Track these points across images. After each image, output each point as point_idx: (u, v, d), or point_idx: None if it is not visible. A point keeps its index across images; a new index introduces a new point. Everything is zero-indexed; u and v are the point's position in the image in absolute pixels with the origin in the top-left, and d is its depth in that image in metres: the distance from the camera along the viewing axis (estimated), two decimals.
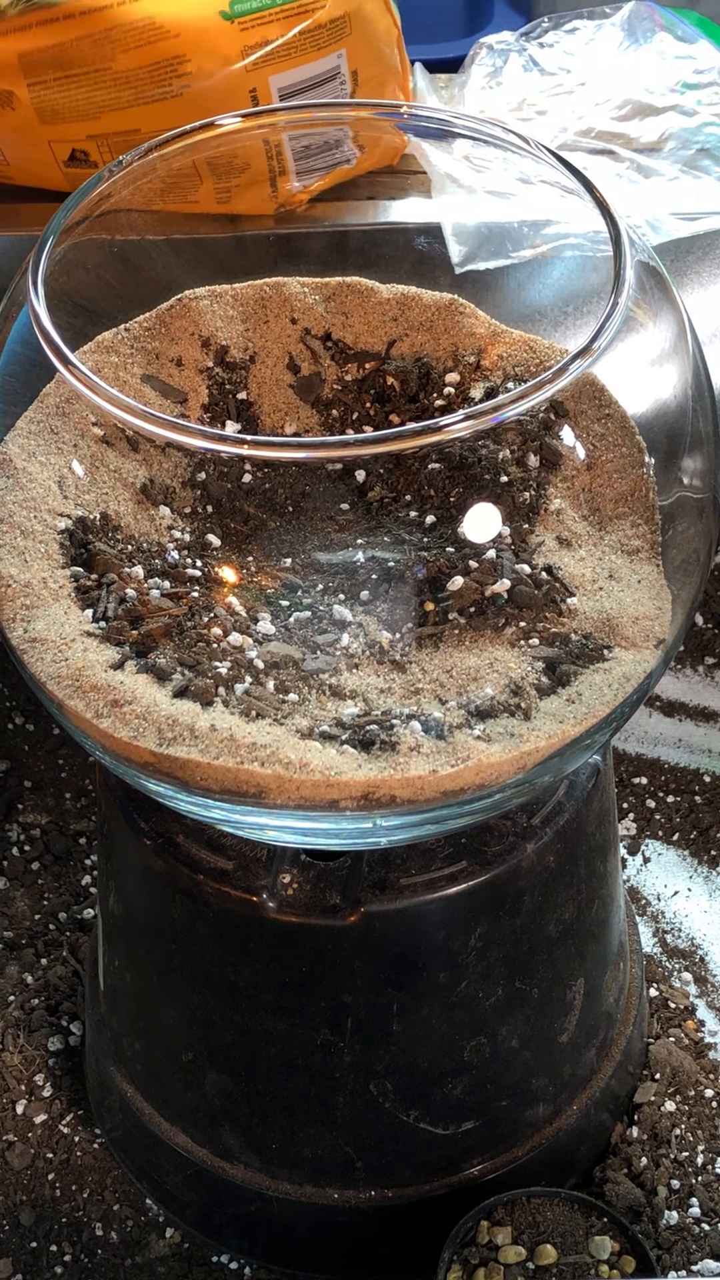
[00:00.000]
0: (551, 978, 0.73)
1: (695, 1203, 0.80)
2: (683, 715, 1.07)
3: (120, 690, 0.57)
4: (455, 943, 0.67)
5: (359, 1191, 0.75)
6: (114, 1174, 0.86)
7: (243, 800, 0.56)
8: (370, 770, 0.55)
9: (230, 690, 0.57)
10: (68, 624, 0.59)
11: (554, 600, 0.60)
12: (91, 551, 0.61)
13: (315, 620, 0.60)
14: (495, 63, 1.23)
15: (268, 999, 0.69)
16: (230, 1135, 0.75)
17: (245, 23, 0.97)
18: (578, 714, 0.57)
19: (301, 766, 0.55)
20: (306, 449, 0.56)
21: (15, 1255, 0.83)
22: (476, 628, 0.59)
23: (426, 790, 0.56)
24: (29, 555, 0.60)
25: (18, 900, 0.99)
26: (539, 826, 0.68)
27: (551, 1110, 0.77)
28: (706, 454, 0.61)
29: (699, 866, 1.00)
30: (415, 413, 0.69)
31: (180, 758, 0.55)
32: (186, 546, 0.62)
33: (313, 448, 0.56)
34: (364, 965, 0.67)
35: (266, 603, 0.60)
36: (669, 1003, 0.91)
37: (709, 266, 1.02)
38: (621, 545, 0.62)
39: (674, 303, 0.61)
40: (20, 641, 0.59)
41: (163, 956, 0.72)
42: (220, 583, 0.61)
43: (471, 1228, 0.74)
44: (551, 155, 0.63)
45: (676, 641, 0.62)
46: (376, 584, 0.60)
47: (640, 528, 0.62)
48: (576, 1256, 0.72)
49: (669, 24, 1.28)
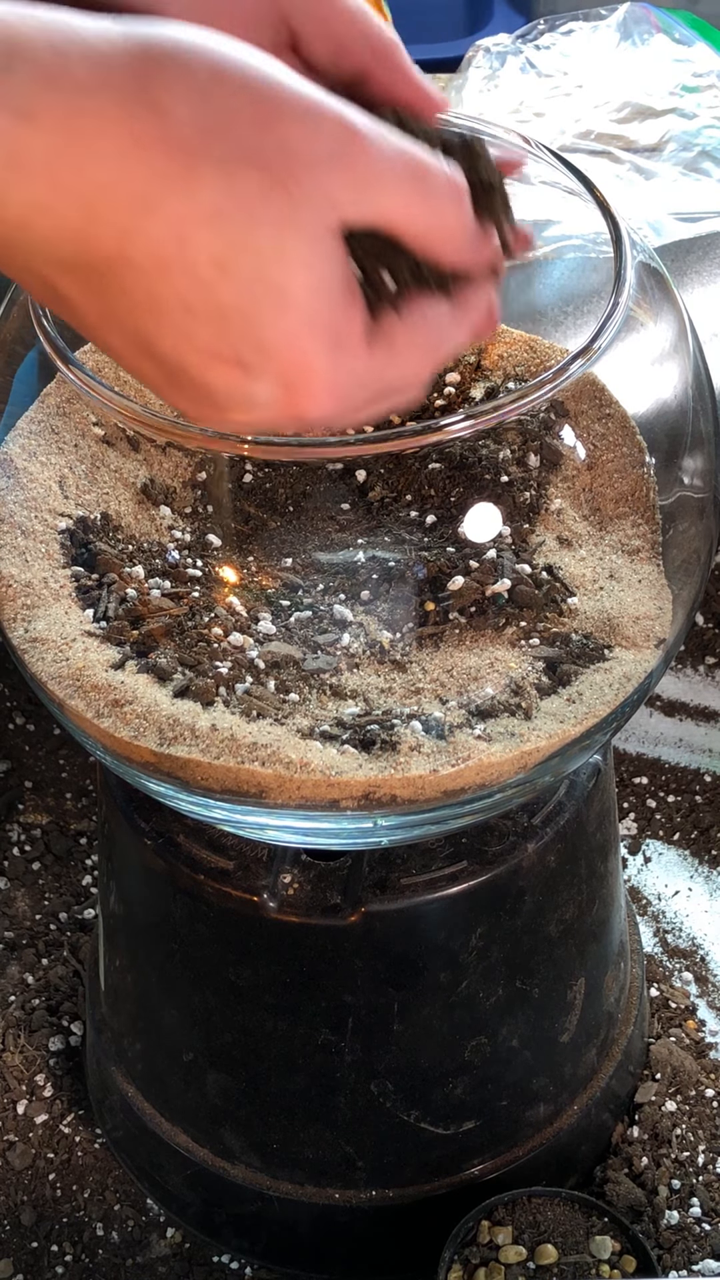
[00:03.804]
0: (552, 977, 0.73)
1: (696, 1202, 0.80)
2: (683, 715, 1.07)
3: (121, 690, 0.57)
4: (456, 942, 0.67)
5: (360, 1191, 0.75)
6: (115, 1174, 0.86)
7: (243, 800, 0.56)
8: (371, 770, 0.55)
9: (231, 690, 0.57)
10: (68, 624, 0.59)
11: (554, 600, 0.60)
12: (92, 551, 0.61)
13: (316, 620, 0.60)
14: (492, 65, 1.23)
15: (268, 999, 0.69)
16: (231, 1135, 0.75)
17: None
18: (578, 714, 0.57)
19: (302, 766, 0.55)
20: (307, 449, 0.56)
21: (16, 1255, 0.83)
22: (477, 627, 0.59)
23: (427, 790, 0.56)
24: (30, 555, 0.60)
25: (18, 900, 0.99)
26: (540, 826, 0.68)
27: (552, 1110, 0.77)
28: (707, 453, 0.61)
29: (700, 866, 1.00)
30: (416, 412, 0.69)
31: (181, 757, 0.55)
32: (187, 546, 0.62)
33: (313, 447, 0.56)
34: (365, 965, 0.67)
35: (267, 602, 0.60)
36: (670, 1002, 0.91)
37: (709, 266, 1.02)
38: (622, 545, 0.62)
39: (674, 303, 0.61)
40: (21, 641, 0.59)
41: (163, 956, 0.72)
42: (221, 582, 0.61)
43: (472, 1227, 0.74)
44: (552, 155, 0.63)
45: (677, 641, 0.62)
46: (377, 584, 0.60)
47: (641, 527, 0.62)
48: (577, 1256, 0.72)
49: (666, 26, 1.28)
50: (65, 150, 0.41)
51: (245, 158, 0.43)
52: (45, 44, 0.42)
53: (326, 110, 0.45)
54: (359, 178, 0.45)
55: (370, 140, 0.45)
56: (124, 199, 0.42)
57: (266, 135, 0.44)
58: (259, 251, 0.44)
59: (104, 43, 0.42)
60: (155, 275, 0.44)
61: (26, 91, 0.41)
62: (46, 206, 0.42)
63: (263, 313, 0.44)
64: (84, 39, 0.42)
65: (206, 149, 0.43)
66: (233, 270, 0.44)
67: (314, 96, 0.45)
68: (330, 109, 0.45)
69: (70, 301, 0.46)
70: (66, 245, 0.43)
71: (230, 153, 0.43)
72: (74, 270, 0.44)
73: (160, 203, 0.43)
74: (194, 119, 0.43)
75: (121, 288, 0.44)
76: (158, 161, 0.42)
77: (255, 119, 0.44)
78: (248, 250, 0.43)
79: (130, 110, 0.42)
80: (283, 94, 0.44)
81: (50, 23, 0.42)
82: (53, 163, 0.41)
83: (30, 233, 0.42)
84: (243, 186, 0.43)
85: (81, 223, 0.42)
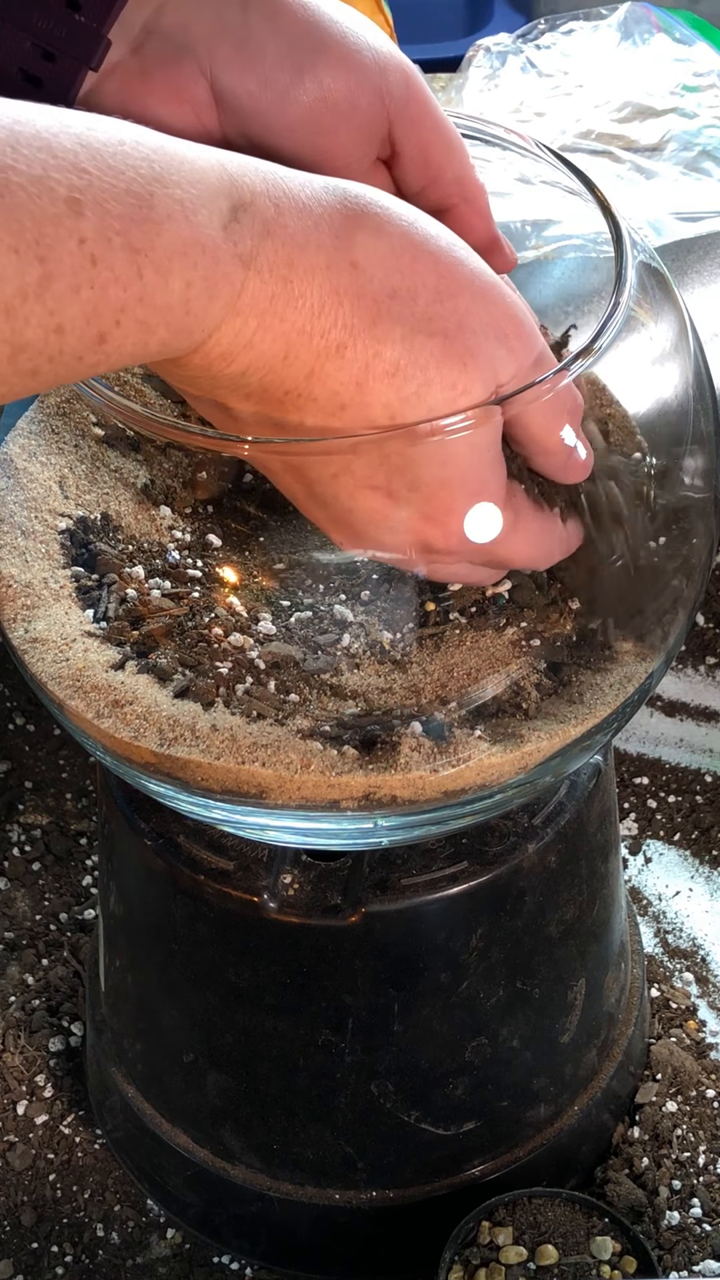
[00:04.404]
0: (553, 978, 0.73)
1: (697, 1203, 0.80)
2: (684, 715, 1.07)
3: (121, 690, 0.57)
4: (456, 943, 0.67)
5: (360, 1192, 0.75)
6: (115, 1175, 0.86)
7: (244, 801, 0.56)
8: (371, 770, 0.55)
9: (231, 690, 0.57)
10: (68, 624, 0.59)
11: (555, 600, 0.60)
12: (92, 551, 0.61)
13: (316, 620, 0.60)
14: (493, 65, 1.23)
15: (269, 999, 0.69)
16: (231, 1136, 0.75)
17: None
18: (579, 714, 0.57)
19: (303, 767, 0.55)
20: (307, 448, 0.56)
21: (16, 1256, 0.82)
22: (478, 628, 0.59)
23: (427, 790, 0.56)
24: (30, 555, 0.60)
25: (18, 901, 0.99)
26: (540, 827, 0.68)
27: (553, 1111, 0.77)
28: (707, 453, 0.61)
29: (700, 867, 1.00)
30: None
31: (181, 758, 0.55)
32: (187, 546, 0.62)
33: (313, 447, 0.56)
34: (365, 965, 0.67)
35: (267, 603, 0.60)
36: (670, 1003, 0.91)
37: (710, 266, 1.02)
38: None
39: (675, 302, 0.61)
40: (21, 642, 0.59)
41: (163, 957, 0.72)
42: (221, 583, 0.61)
43: (473, 1228, 0.73)
44: (552, 155, 0.63)
45: (678, 642, 0.62)
46: (377, 584, 0.60)
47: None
48: (578, 1257, 0.72)
49: (666, 26, 1.28)
50: (277, 296, 0.45)
51: (427, 325, 0.48)
52: (266, 198, 0.46)
53: (501, 294, 0.50)
54: (521, 367, 0.51)
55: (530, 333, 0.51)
56: (318, 344, 0.47)
57: (446, 306, 0.48)
58: (431, 409, 0.49)
59: (313, 201, 0.47)
60: (330, 412, 0.49)
61: (251, 242, 0.45)
62: (251, 344, 0.46)
63: (423, 461, 0.50)
64: (295, 195, 0.47)
65: (393, 311, 0.48)
66: (400, 420, 0.49)
67: (489, 278, 0.50)
68: (503, 294, 0.50)
69: (238, 420, 0.50)
70: (257, 378, 0.47)
71: (414, 318, 0.48)
72: (254, 398, 0.49)
73: (347, 351, 0.47)
74: (385, 281, 0.47)
75: (299, 419, 0.49)
76: (349, 315, 0.47)
77: (438, 290, 0.49)
78: (420, 407, 0.49)
79: (334, 265, 0.47)
80: (463, 271, 0.50)
81: (268, 175, 0.47)
82: (264, 306, 0.45)
83: (230, 365, 0.46)
84: (421, 350, 0.48)
85: (276, 360, 0.47)
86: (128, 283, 0.42)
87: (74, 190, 0.40)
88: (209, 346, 0.45)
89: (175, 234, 0.43)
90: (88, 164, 0.41)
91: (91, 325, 0.42)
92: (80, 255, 0.40)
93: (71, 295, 0.41)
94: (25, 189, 0.40)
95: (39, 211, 0.40)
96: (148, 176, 0.42)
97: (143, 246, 0.42)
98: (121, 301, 0.42)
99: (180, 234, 0.43)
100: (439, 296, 0.48)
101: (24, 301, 0.40)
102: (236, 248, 0.44)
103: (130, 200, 0.42)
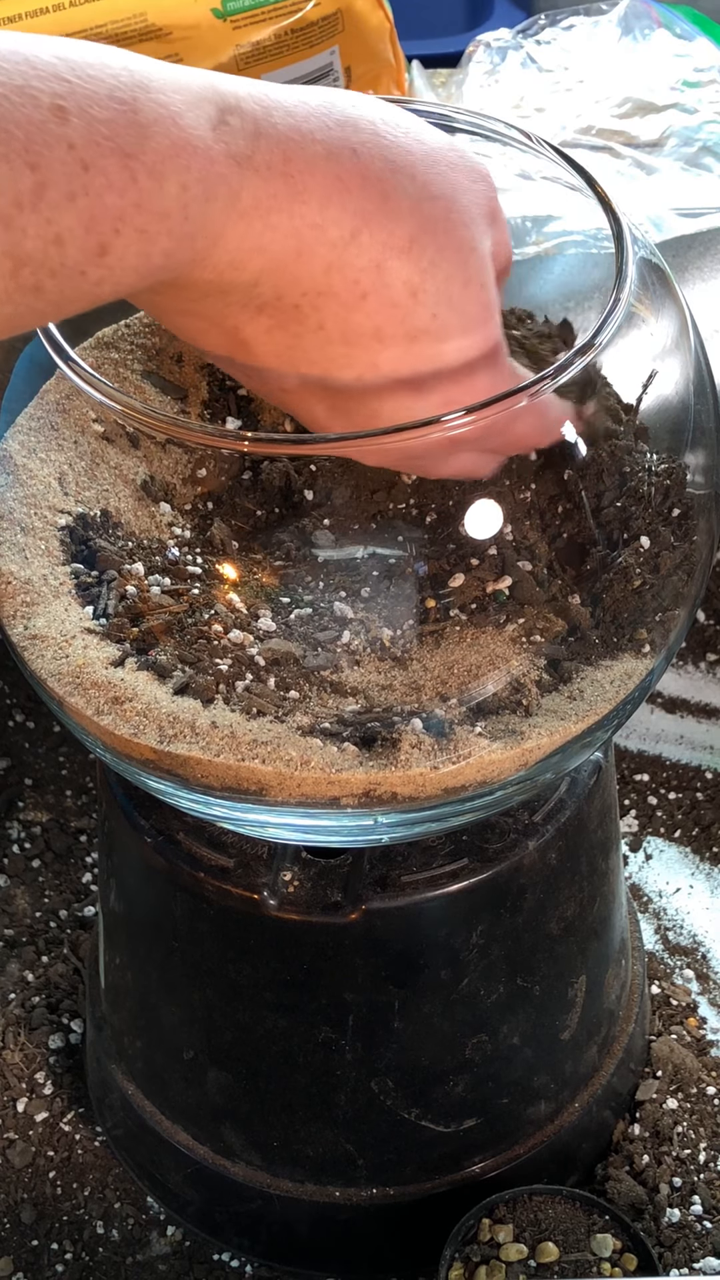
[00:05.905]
0: (553, 975, 0.72)
1: (697, 1200, 0.80)
2: (684, 712, 1.07)
3: (121, 687, 0.56)
4: (457, 940, 0.67)
5: (360, 1189, 0.75)
6: (115, 1172, 0.86)
7: (244, 797, 0.56)
8: (371, 767, 0.55)
9: (231, 687, 0.57)
10: (68, 621, 0.59)
11: (556, 597, 0.60)
12: (92, 548, 0.61)
13: (316, 617, 0.59)
14: (493, 60, 1.23)
15: (269, 997, 0.69)
16: (231, 1133, 0.75)
17: (237, 21, 0.97)
18: (579, 711, 0.57)
19: (303, 763, 0.55)
20: (307, 446, 0.56)
21: (16, 1253, 0.82)
22: (478, 624, 0.58)
23: (427, 787, 0.55)
24: (29, 552, 0.60)
25: (18, 898, 0.99)
26: (541, 824, 0.67)
27: (553, 1108, 0.77)
28: (708, 450, 0.61)
29: (701, 864, 1.00)
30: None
31: (181, 755, 0.55)
32: (187, 543, 0.62)
33: (313, 444, 0.56)
34: (365, 963, 0.67)
35: (267, 599, 0.60)
36: (671, 1000, 0.91)
37: (710, 262, 1.02)
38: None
39: (676, 298, 0.61)
40: (21, 639, 0.59)
41: (163, 954, 0.72)
42: (221, 579, 0.61)
43: (473, 1226, 0.73)
44: (553, 150, 0.63)
45: (678, 638, 0.61)
46: (377, 581, 0.60)
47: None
48: (578, 1254, 0.72)
49: (667, 21, 1.28)
50: (280, 194, 0.45)
51: (429, 193, 0.49)
52: (252, 100, 0.46)
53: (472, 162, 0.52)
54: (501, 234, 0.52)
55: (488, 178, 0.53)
56: (333, 234, 0.46)
57: (439, 175, 0.49)
58: (448, 276, 0.49)
59: (298, 100, 0.47)
60: (353, 304, 0.48)
61: (243, 142, 0.45)
62: (261, 246, 0.45)
63: (447, 336, 0.49)
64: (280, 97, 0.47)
65: (399, 187, 0.48)
66: (422, 295, 0.48)
67: (461, 150, 0.51)
68: (472, 160, 0.52)
69: (250, 345, 0.50)
70: (270, 283, 0.47)
71: (417, 189, 0.48)
72: (268, 310, 0.48)
73: (362, 236, 0.47)
74: (385, 158, 0.48)
75: (318, 321, 0.48)
76: (359, 200, 0.47)
77: (427, 160, 0.49)
78: (437, 275, 0.49)
79: (334, 154, 0.47)
80: (435, 137, 0.51)
81: (250, 81, 0.47)
82: (266, 204, 0.45)
83: (240, 274, 0.46)
84: (430, 216, 0.48)
85: (290, 259, 0.46)
86: (123, 188, 0.41)
87: (57, 97, 0.40)
88: (216, 255, 0.45)
89: (164, 137, 0.42)
90: (68, 74, 0.41)
91: (91, 235, 0.41)
92: (71, 161, 0.40)
93: (67, 203, 0.40)
94: (9, 99, 0.39)
95: (24, 119, 0.39)
96: (129, 84, 0.42)
97: (134, 151, 0.41)
98: (119, 209, 0.41)
99: (169, 136, 0.42)
100: (429, 167, 0.49)
101: (20, 211, 0.40)
102: (229, 148, 0.44)
103: (115, 106, 0.41)
